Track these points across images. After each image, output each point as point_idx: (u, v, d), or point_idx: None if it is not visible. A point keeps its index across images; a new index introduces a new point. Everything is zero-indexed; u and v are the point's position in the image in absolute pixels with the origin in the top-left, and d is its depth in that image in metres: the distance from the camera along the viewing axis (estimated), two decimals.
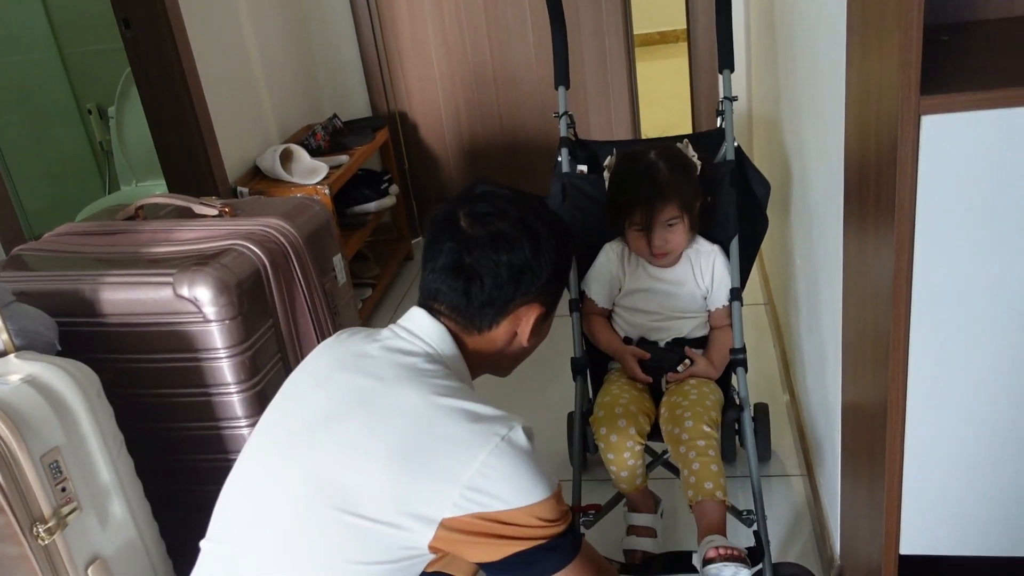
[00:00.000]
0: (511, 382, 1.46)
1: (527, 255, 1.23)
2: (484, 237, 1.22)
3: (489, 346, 1.28)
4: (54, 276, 1.71)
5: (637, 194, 1.80)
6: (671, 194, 1.79)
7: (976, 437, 1.15)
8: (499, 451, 1.10)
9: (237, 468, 1.24)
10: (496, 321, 1.25)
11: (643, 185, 1.80)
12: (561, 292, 1.34)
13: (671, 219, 1.80)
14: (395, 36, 3.40)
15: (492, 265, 1.22)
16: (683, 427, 1.72)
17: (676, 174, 1.81)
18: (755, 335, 2.76)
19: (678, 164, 1.83)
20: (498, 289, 1.23)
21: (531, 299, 1.26)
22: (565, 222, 1.34)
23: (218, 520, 1.23)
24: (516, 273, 1.23)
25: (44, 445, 1.33)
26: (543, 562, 1.13)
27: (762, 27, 2.71)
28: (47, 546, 1.33)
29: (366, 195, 3.25)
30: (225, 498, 1.24)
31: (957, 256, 1.07)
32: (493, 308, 1.24)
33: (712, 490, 1.68)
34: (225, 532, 1.22)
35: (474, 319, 1.25)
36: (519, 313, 1.26)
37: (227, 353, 1.66)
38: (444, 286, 1.24)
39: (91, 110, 3.95)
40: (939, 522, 1.22)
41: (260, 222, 1.83)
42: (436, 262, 1.25)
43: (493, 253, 1.22)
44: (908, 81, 1.00)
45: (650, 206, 1.79)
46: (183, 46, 2.60)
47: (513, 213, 1.24)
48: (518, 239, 1.22)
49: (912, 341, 1.12)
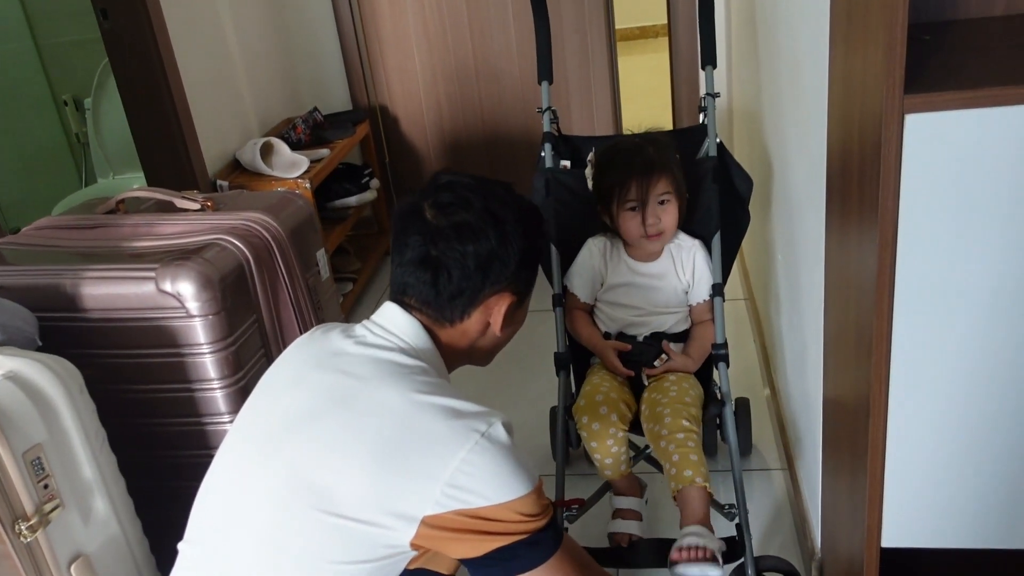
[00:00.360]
0: (494, 376, 1.47)
1: (493, 244, 1.22)
2: (448, 228, 1.21)
3: (463, 337, 1.28)
4: (34, 271, 1.69)
5: (629, 170, 1.81)
6: (662, 168, 1.81)
7: (957, 431, 1.17)
8: (479, 448, 1.10)
9: (213, 468, 1.23)
10: (467, 312, 1.25)
11: (634, 161, 1.82)
12: (533, 279, 1.32)
13: (664, 194, 1.82)
14: (376, 29, 3.38)
15: (459, 256, 1.21)
16: (663, 423, 1.74)
17: (663, 153, 1.83)
18: (736, 330, 2.78)
19: (659, 143, 1.87)
20: (466, 280, 1.22)
21: (501, 288, 1.25)
22: (534, 207, 1.32)
23: (195, 521, 1.22)
24: (483, 263, 1.21)
25: (26, 442, 1.32)
26: (525, 556, 1.14)
27: (743, 23, 2.72)
28: (29, 544, 1.32)
29: (347, 189, 3.24)
30: (202, 499, 1.22)
31: (939, 253, 1.08)
32: (463, 299, 1.23)
33: (692, 477, 1.68)
34: (202, 534, 1.21)
35: (445, 311, 1.24)
36: (490, 303, 1.25)
37: (210, 348, 1.65)
38: (413, 279, 1.23)
39: (67, 101, 3.90)
40: (920, 515, 1.23)
41: (243, 216, 1.82)
42: (404, 255, 1.24)
43: (459, 244, 1.21)
44: (892, 80, 1.01)
45: (644, 179, 1.80)
46: (162, 37, 2.57)
47: (477, 202, 1.23)
48: (483, 228, 1.21)
49: (894, 336, 1.13)
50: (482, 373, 1.45)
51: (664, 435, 1.73)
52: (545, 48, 2.04)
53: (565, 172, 2.01)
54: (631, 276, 1.90)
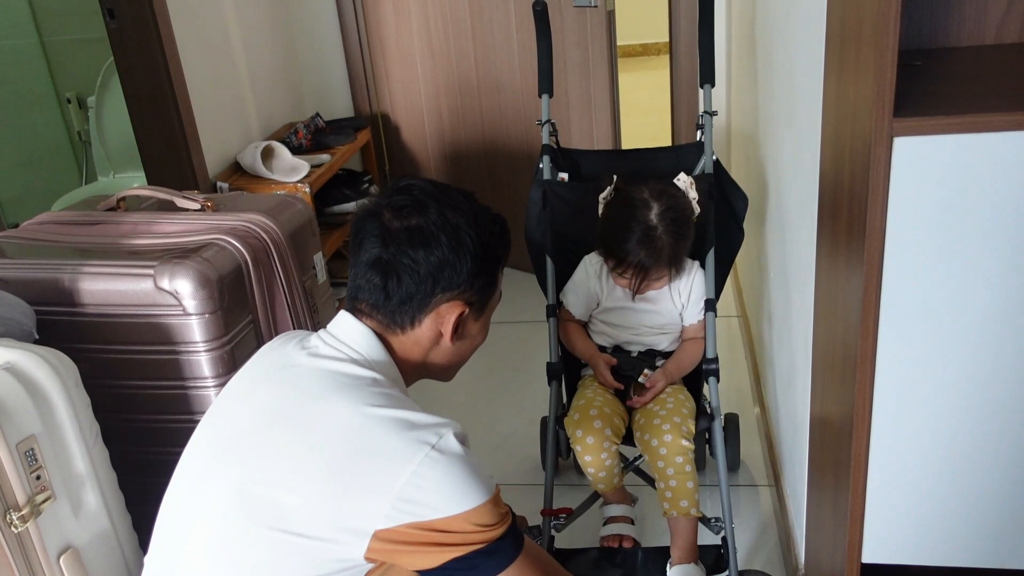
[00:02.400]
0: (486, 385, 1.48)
1: (445, 251, 1.19)
2: (401, 231, 1.19)
3: (415, 346, 1.25)
4: (34, 264, 1.71)
5: (632, 256, 1.77)
6: (665, 263, 1.78)
7: (938, 451, 1.19)
8: (429, 460, 1.08)
9: (173, 480, 1.22)
10: (417, 318, 1.22)
11: (641, 251, 1.76)
12: (490, 292, 1.28)
13: (659, 278, 1.83)
14: (380, 38, 3.41)
15: (409, 261, 1.18)
16: (661, 440, 1.76)
17: (674, 240, 1.76)
18: (727, 347, 2.80)
19: (677, 228, 1.77)
20: (416, 285, 1.19)
21: (452, 296, 1.22)
22: (495, 216, 1.28)
23: (156, 533, 1.21)
24: (434, 269, 1.19)
25: (20, 432, 1.33)
26: (483, 566, 1.12)
27: (743, 43, 2.75)
28: (20, 534, 1.33)
29: (346, 195, 3.26)
30: (161, 513, 1.22)
31: (925, 274, 1.10)
32: (412, 304, 1.20)
33: (687, 508, 1.75)
34: (161, 547, 1.20)
35: (395, 316, 1.21)
36: (441, 311, 1.22)
37: (206, 347, 1.66)
38: (364, 281, 1.21)
39: (70, 99, 3.92)
40: (901, 532, 1.25)
41: (243, 218, 1.84)
42: (358, 257, 1.22)
43: (410, 248, 1.18)
44: (882, 103, 1.03)
45: (643, 271, 1.78)
46: (167, 38, 2.60)
47: (433, 207, 1.20)
48: (436, 234, 1.19)
49: (879, 356, 1.15)
50: (474, 382, 1.46)
51: (663, 455, 1.75)
52: (547, 62, 2.07)
53: (563, 184, 2.04)
54: (627, 300, 1.91)
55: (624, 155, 2.26)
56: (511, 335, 2.90)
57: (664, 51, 5.07)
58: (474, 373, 1.58)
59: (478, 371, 2.69)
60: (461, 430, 1.14)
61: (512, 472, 2.33)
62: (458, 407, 2.58)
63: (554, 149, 2.07)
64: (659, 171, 1.96)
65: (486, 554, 1.11)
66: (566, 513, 1.89)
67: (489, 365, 2.75)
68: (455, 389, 1.37)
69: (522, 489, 2.24)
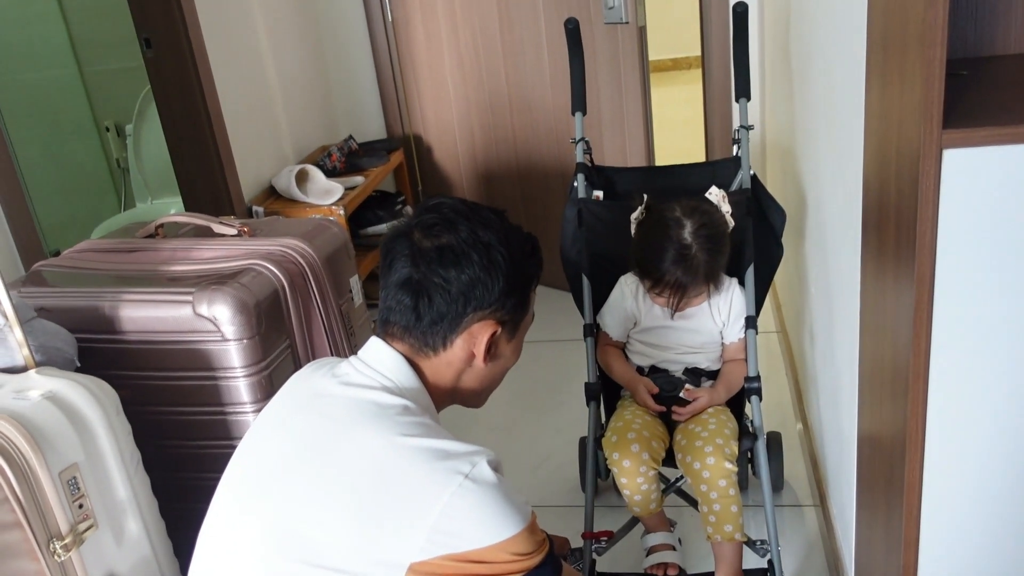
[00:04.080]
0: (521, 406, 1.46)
1: (476, 269, 1.17)
2: (432, 251, 1.17)
3: (448, 369, 1.22)
4: (74, 292, 1.73)
5: (668, 276, 1.75)
6: (703, 279, 1.76)
7: (997, 471, 1.15)
8: (463, 490, 1.05)
9: (208, 517, 1.21)
10: (449, 339, 1.20)
11: (677, 270, 1.74)
12: (523, 311, 1.25)
13: (698, 294, 1.81)
14: (411, 59, 3.43)
15: (440, 280, 1.16)
16: (704, 463, 1.73)
17: (709, 256, 1.74)
18: (767, 363, 2.76)
19: (712, 245, 1.75)
20: (448, 304, 1.17)
21: (485, 315, 1.19)
22: (526, 235, 1.26)
23: (192, 571, 1.20)
24: (466, 288, 1.17)
25: (63, 461, 1.34)
26: None
27: (777, 55, 2.73)
28: (63, 563, 1.34)
29: (380, 216, 3.28)
30: (198, 548, 1.21)
31: (977, 289, 1.07)
32: (444, 324, 1.18)
33: (731, 532, 1.73)
34: None
35: (426, 337, 1.19)
36: (473, 330, 1.19)
37: (244, 372, 1.66)
38: (395, 302, 1.20)
39: (109, 127, 3.98)
40: (957, 556, 1.21)
41: (279, 242, 1.84)
42: (388, 278, 1.21)
43: (440, 268, 1.17)
44: (930, 114, 1.01)
45: (680, 290, 1.76)
46: (203, 66, 2.63)
47: (463, 226, 1.18)
48: (467, 252, 1.17)
49: (932, 374, 1.12)
50: (511, 403, 1.44)
51: (706, 478, 1.72)
52: (579, 79, 2.06)
53: (598, 203, 2.02)
54: (665, 319, 1.88)
55: (659, 172, 2.24)
56: (548, 354, 2.88)
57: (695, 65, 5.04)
58: (511, 393, 1.56)
59: (515, 391, 2.67)
60: (495, 457, 1.12)
61: (552, 494, 2.31)
62: (496, 428, 2.56)
63: (588, 167, 2.06)
64: (695, 187, 1.93)
65: None
66: (607, 536, 1.87)
67: (526, 385, 2.73)
68: (492, 410, 1.35)
69: (562, 511, 2.21)
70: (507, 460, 1.15)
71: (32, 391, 1.38)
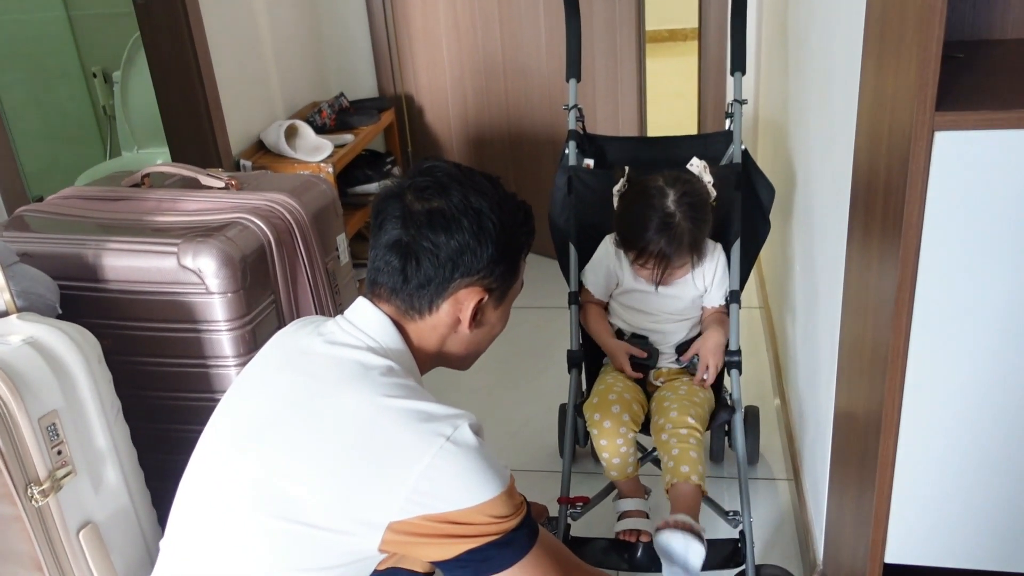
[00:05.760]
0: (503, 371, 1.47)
1: (466, 235, 1.17)
2: (423, 214, 1.17)
3: (433, 332, 1.22)
4: (57, 239, 1.71)
5: (652, 246, 1.75)
6: (687, 249, 1.76)
7: (967, 451, 1.17)
8: (444, 452, 1.07)
9: (188, 469, 1.22)
10: (435, 303, 1.20)
11: (661, 239, 1.74)
12: (511, 279, 1.25)
13: (682, 265, 1.81)
14: (406, 18, 3.39)
15: (429, 244, 1.16)
16: (667, 417, 1.75)
17: (693, 225, 1.75)
18: (749, 338, 2.78)
19: (696, 213, 1.75)
20: (435, 268, 1.17)
21: (472, 281, 1.19)
22: (520, 202, 1.26)
23: (171, 522, 1.21)
24: (454, 253, 1.17)
25: (42, 407, 1.34)
26: (497, 557, 1.11)
27: (774, 31, 2.71)
28: (40, 508, 1.34)
29: (368, 176, 3.25)
30: (177, 499, 1.21)
31: (960, 272, 1.08)
32: (430, 289, 1.18)
33: (688, 473, 1.70)
34: (177, 535, 1.20)
35: (413, 300, 1.19)
36: (460, 296, 1.20)
37: (227, 326, 1.66)
38: (383, 263, 1.19)
39: (96, 73, 3.92)
40: (926, 533, 1.23)
41: (266, 197, 1.83)
42: (379, 238, 1.20)
43: (431, 232, 1.16)
44: (924, 96, 1.01)
45: (664, 260, 1.76)
46: (194, 15, 2.59)
47: (456, 191, 1.18)
48: (457, 218, 1.17)
49: (911, 354, 1.13)
50: (493, 367, 1.45)
51: (667, 428, 1.74)
52: (575, 46, 2.04)
53: (588, 171, 2.01)
54: (647, 285, 1.89)
55: (651, 143, 2.24)
56: (532, 320, 2.89)
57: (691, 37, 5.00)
58: (494, 358, 1.56)
59: (498, 356, 2.67)
60: (476, 421, 1.13)
61: (530, 459, 2.33)
62: (477, 392, 2.57)
63: (580, 135, 2.05)
64: (686, 159, 1.93)
65: (501, 545, 1.10)
66: (583, 502, 1.89)
67: (509, 350, 2.74)
68: (475, 374, 1.36)
69: (540, 475, 2.23)
70: (488, 424, 1.16)
71: (13, 336, 1.37)
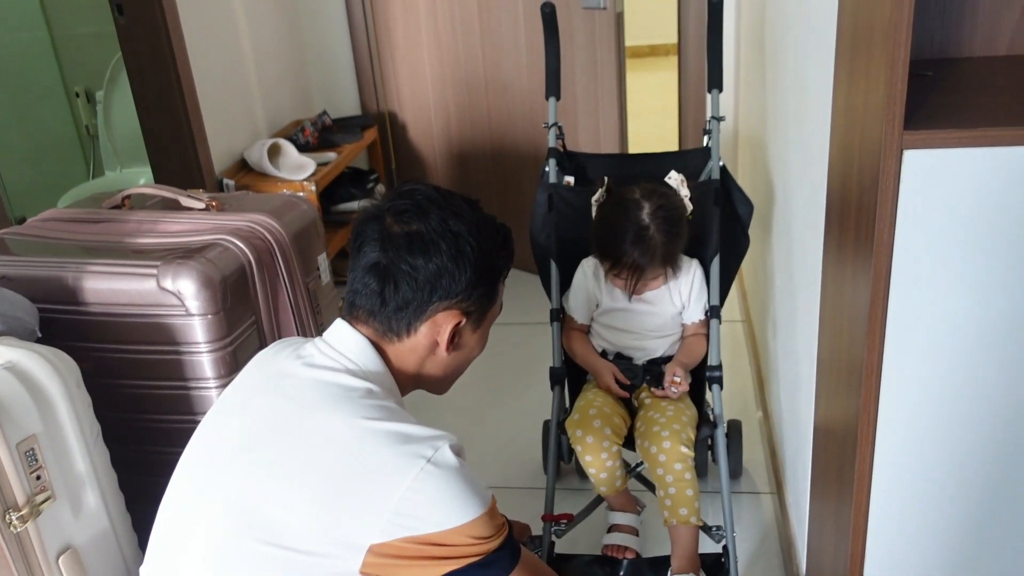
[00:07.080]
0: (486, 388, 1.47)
1: (444, 259, 1.17)
2: (401, 237, 1.17)
3: (411, 355, 1.22)
4: (37, 262, 1.71)
5: (626, 257, 1.77)
6: (659, 262, 1.78)
7: (943, 465, 1.18)
8: (424, 474, 1.06)
9: (168, 492, 1.21)
10: (413, 326, 1.20)
11: (635, 251, 1.76)
12: (489, 302, 1.26)
13: (655, 277, 1.82)
14: (388, 36, 3.40)
15: (408, 267, 1.17)
16: (660, 447, 1.75)
17: (667, 239, 1.77)
18: (731, 352, 2.79)
19: (670, 227, 1.77)
20: (413, 292, 1.17)
21: (450, 305, 1.20)
22: (500, 226, 1.27)
23: (151, 546, 1.21)
24: (432, 277, 1.17)
25: (21, 432, 1.33)
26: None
27: (752, 47, 2.74)
28: (19, 534, 1.33)
29: (352, 193, 3.26)
30: (157, 523, 1.21)
31: (932, 287, 1.09)
32: (408, 312, 1.18)
33: (687, 516, 1.75)
34: (156, 560, 1.19)
35: (391, 323, 1.19)
36: (438, 319, 1.20)
37: (208, 348, 1.66)
38: (361, 286, 1.20)
39: (79, 93, 3.92)
40: (904, 547, 1.24)
41: (247, 218, 1.83)
42: (358, 260, 1.21)
43: (409, 255, 1.17)
44: (892, 115, 1.02)
45: (638, 271, 1.78)
46: (176, 34, 2.59)
47: (435, 214, 1.18)
48: (435, 241, 1.17)
49: (885, 368, 1.14)
50: (476, 384, 1.45)
51: (662, 461, 1.75)
52: (554, 65, 2.06)
53: (568, 188, 2.03)
54: (625, 302, 1.90)
55: (630, 159, 2.25)
56: (515, 337, 2.89)
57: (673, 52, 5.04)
58: (478, 375, 1.57)
59: (482, 373, 2.67)
60: (457, 442, 1.13)
61: (514, 476, 2.32)
62: (460, 409, 2.57)
63: (560, 153, 2.06)
64: (665, 176, 1.95)
65: (482, 566, 1.10)
66: (567, 519, 1.88)
67: (492, 367, 2.74)
68: (458, 392, 1.36)
69: (524, 493, 2.23)
70: (471, 441, 1.16)
71: None
